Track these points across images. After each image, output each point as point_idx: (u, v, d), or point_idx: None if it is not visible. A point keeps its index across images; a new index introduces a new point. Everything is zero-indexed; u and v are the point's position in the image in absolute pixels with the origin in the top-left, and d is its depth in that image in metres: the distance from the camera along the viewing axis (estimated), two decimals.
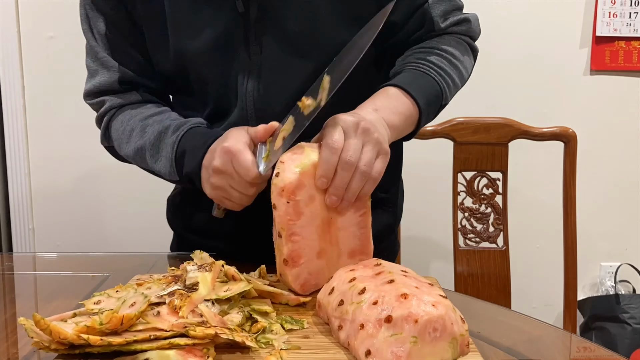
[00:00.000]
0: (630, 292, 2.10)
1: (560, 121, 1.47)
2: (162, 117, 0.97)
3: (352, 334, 0.63)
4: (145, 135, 0.95)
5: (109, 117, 1.03)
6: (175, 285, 0.71)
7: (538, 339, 0.75)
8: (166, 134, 0.93)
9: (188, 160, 0.88)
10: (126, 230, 2.09)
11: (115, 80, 1.00)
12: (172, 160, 0.91)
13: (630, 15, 2.04)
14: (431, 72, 0.94)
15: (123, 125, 1.00)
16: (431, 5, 0.97)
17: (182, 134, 0.91)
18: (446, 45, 0.98)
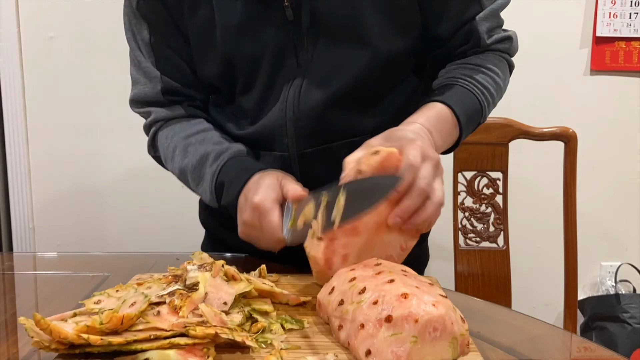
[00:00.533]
0: (630, 292, 2.10)
1: (560, 121, 1.47)
2: (205, 137, 0.98)
3: (352, 334, 0.63)
4: (187, 156, 0.97)
5: (156, 129, 1.04)
6: (176, 285, 0.71)
7: (538, 339, 0.75)
8: (207, 161, 0.94)
9: (226, 192, 0.90)
10: (126, 230, 2.09)
11: (158, 91, 1.01)
12: (212, 189, 0.93)
13: (631, 16, 2.04)
14: (475, 91, 0.94)
15: (167, 141, 1.01)
16: (478, 21, 0.97)
17: (222, 165, 0.92)
18: (491, 63, 0.98)
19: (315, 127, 0.96)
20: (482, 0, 0.97)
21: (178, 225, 1.99)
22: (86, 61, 2.00)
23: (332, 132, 0.97)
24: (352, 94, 0.96)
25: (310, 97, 0.95)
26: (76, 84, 2.02)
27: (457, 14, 0.97)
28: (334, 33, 0.93)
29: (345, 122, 0.97)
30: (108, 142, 2.05)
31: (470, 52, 0.99)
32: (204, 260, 0.77)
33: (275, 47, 0.94)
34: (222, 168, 0.92)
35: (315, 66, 0.94)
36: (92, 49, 1.99)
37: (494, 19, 0.98)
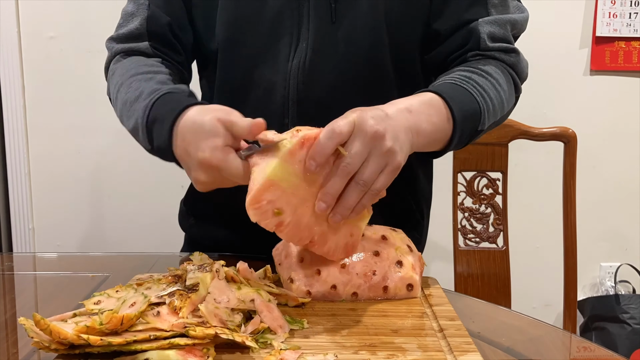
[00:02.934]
0: (630, 292, 2.10)
1: (560, 121, 1.47)
2: (153, 77, 0.90)
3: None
4: (128, 92, 0.88)
5: (112, 64, 0.99)
6: (176, 286, 0.71)
7: (538, 339, 0.75)
8: (142, 95, 0.85)
9: (157, 131, 0.80)
10: (126, 230, 2.09)
11: (141, 22, 0.96)
12: (143, 126, 0.82)
13: (630, 16, 2.04)
14: (474, 91, 0.86)
15: (116, 78, 0.94)
16: (481, 23, 0.93)
17: (156, 99, 0.82)
18: (491, 70, 0.91)
19: (320, 110, 0.92)
20: (490, 8, 0.94)
21: (178, 225, 1.99)
22: (86, 61, 2.00)
23: (337, 117, 0.95)
24: (361, 76, 0.93)
25: (316, 74, 0.93)
26: (76, 84, 2.02)
27: (459, 12, 0.94)
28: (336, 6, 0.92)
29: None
30: (108, 142, 2.04)
31: (470, 56, 0.94)
32: (203, 261, 0.77)
33: (279, 15, 0.92)
34: (156, 102, 0.81)
35: (316, 39, 0.92)
36: (92, 49, 1.99)
37: (499, 28, 0.94)
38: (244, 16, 0.94)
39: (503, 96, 0.92)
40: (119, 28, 1.01)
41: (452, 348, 0.65)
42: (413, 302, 0.78)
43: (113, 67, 0.98)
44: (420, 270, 0.81)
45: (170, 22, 0.97)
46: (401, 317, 0.73)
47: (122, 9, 1.01)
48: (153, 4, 0.97)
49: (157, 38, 0.98)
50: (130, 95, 0.87)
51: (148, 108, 0.82)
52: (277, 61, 0.94)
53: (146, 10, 0.97)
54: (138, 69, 0.92)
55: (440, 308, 0.76)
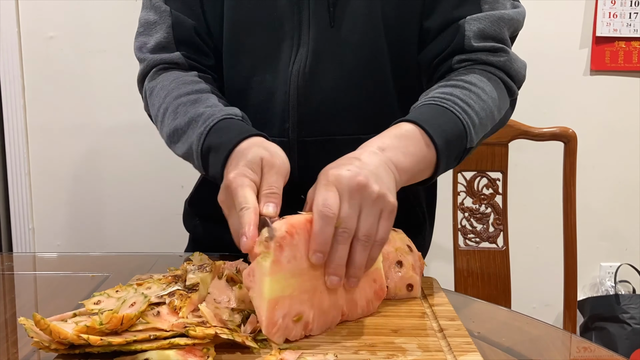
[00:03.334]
0: (630, 292, 2.10)
1: (560, 121, 1.47)
2: (199, 98, 0.89)
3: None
4: (176, 118, 0.88)
5: (147, 82, 0.97)
6: (175, 286, 0.71)
7: (538, 339, 0.75)
8: (196, 122, 0.84)
9: (212, 159, 0.80)
10: (126, 230, 2.09)
11: (167, 30, 0.95)
12: (198, 154, 0.82)
13: (630, 16, 2.04)
14: (455, 109, 0.81)
15: (159, 101, 0.92)
16: (468, 20, 0.89)
17: (212, 126, 0.82)
18: (475, 79, 0.87)
19: (320, 115, 0.93)
20: (482, 4, 0.90)
21: (178, 225, 1.99)
22: (86, 61, 2.00)
23: (338, 123, 0.94)
24: (360, 79, 0.93)
25: (316, 78, 0.92)
26: (76, 84, 2.02)
27: (448, 9, 0.91)
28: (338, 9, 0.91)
29: (355, 114, 0.94)
30: (108, 142, 2.04)
31: (455, 62, 0.91)
32: (203, 261, 0.77)
33: (279, 19, 0.92)
34: (211, 129, 0.81)
35: (317, 44, 0.92)
36: (92, 49, 1.99)
37: (490, 25, 0.89)
38: (245, 21, 0.94)
39: (492, 105, 0.87)
40: (141, 36, 0.98)
41: (452, 348, 0.65)
42: (413, 302, 0.78)
43: (150, 85, 0.96)
44: (420, 270, 0.81)
45: (195, 25, 0.96)
46: (401, 317, 0.73)
47: (140, 17, 0.99)
48: (174, 9, 0.96)
49: (186, 45, 0.96)
50: (180, 122, 0.86)
51: (203, 136, 0.81)
52: (277, 66, 0.94)
53: (169, 18, 0.95)
54: (179, 89, 0.90)
55: (440, 308, 0.76)
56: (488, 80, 0.88)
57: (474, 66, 0.90)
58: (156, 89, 0.94)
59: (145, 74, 0.98)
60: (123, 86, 1.98)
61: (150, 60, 0.96)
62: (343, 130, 0.95)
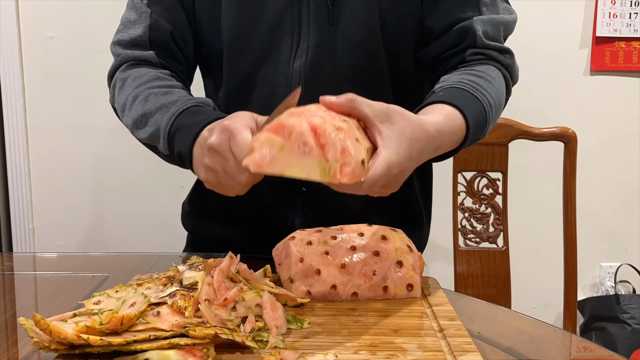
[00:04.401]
0: (630, 293, 2.10)
1: (560, 121, 1.47)
2: (172, 91, 0.91)
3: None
4: (147, 104, 0.90)
5: (119, 72, 1.00)
6: (173, 286, 0.71)
7: (538, 339, 0.75)
8: (168, 107, 0.87)
9: (182, 135, 0.82)
10: (126, 230, 2.09)
11: (144, 30, 0.97)
12: (165, 132, 0.85)
13: (630, 16, 2.04)
14: (483, 99, 0.86)
15: (129, 90, 0.95)
16: (475, 21, 0.94)
17: (184, 109, 0.84)
18: (493, 73, 0.92)
19: None
20: (481, 7, 0.95)
21: (178, 225, 1.99)
22: (86, 61, 2.00)
23: None
24: (358, 74, 0.95)
25: (317, 74, 0.94)
26: (76, 84, 2.02)
27: (451, 9, 0.95)
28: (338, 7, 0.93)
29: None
30: (108, 142, 2.04)
31: (469, 54, 0.95)
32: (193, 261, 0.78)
33: (281, 16, 0.93)
34: (184, 112, 0.84)
35: (316, 40, 0.94)
36: (92, 49, 1.99)
37: (492, 28, 0.95)
38: (246, 19, 0.96)
39: (502, 100, 0.93)
40: (119, 33, 1.02)
41: (452, 348, 0.65)
42: (413, 302, 0.78)
43: (120, 76, 0.99)
44: (420, 270, 0.81)
45: (172, 30, 0.98)
46: (401, 317, 0.73)
47: (122, 16, 1.02)
48: (155, 13, 0.98)
49: (159, 47, 0.99)
50: (149, 107, 0.89)
51: (174, 117, 0.84)
52: (279, 62, 0.96)
53: (148, 19, 0.98)
54: (153, 82, 0.93)
55: (440, 308, 0.76)
56: (500, 75, 0.94)
57: (487, 60, 0.95)
58: (128, 79, 0.97)
59: (117, 68, 1.01)
60: None
61: (124, 56, 0.99)
62: None
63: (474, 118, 0.82)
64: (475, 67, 0.93)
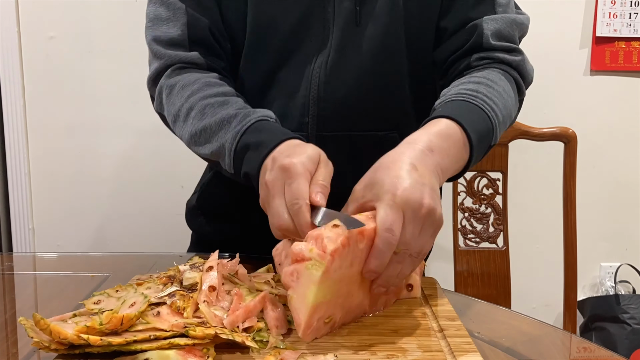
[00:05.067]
0: (630, 293, 2.10)
1: (560, 121, 1.47)
2: (227, 100, 0.88)
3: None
4: (204, 118, 0.86)
5: (165, 79, 0.94)
6: (173, 286, 0.71)
7: (538, 339, 0.75)
8: (230, 122, 0.83)
9: (250, 155, 0.79)
10: (126, 230, 2.09)
11: (182, 29, 0.93)
12: (231, 152, 0.81)
13: (630, 16, 2.04)
14: (485, 107, 0.83)
15: (181, 100, 0.90)
16: (485, 20, 0.92)
17: (249, 125, 0.81)
18: (496, 78, 0.89)
19: (339, 110, 0.94)
20: (496, 7, 0.94)
21: (178, 225, 1.99)
22: (86, 61, 2.00)
23: (356, 119, 0.96)
24: (378, 76, 0.95)
25: (337, 74, 0.94)
26: (76, 84, 2.02)
27: (465, 9, 0.94)
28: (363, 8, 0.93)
29: (372, 111, 0.96)
30: (108, 142, 2.04)
31: (474, 59, 0.93)
32: (194, 261, 0.78)
33: (306, 15, 0.93)
34: (249, 129, 0.81)
35: (340, 41, 0.93)
36: (92, 49, 1.99)
37: (505, 26, 0.93)
38: (270, 20, 0.95)
39: (510, 103, 0.89)
40: (153, 30, 0.95)
41: (452, 348, 0.65)
42: (413, 302, 0.78)
43: (167, 83, 0.94)
44: (420, 270, 0.81)
45: (210, 25, 0.94)
46: (401, 317, 0.73)
47: (148, 12, 0.96)
48: (190, 7, 0.94)
49: (200, 45, 0.94)
50: (209, 122, 0.85)
51: (240, 134, 0.81)
52: (300, 62, 0.95)
53: (184, 15, 0.93)
54: (204, 90, 0.89)
55: (440, 308, 0.76)
56: (506, 79, 0.91)
57: (492, 64, 0.93)
58: (176, 87, 0.92)
59: (160, 72, 0.95)
60: (123, 86, 1.98)
61: (168, 59, 0.94)
62: (361, 126, 0.96)
63: (474, 125, 0.79)
64: (475, 73, 0.91)
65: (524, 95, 0.98)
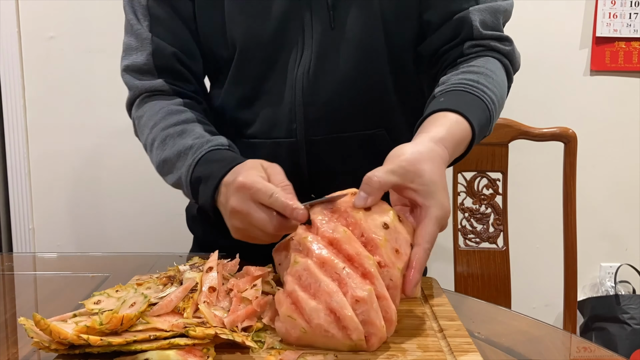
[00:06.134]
0: (630, 293, 2.10)
1: (560, 121, 1.47)
2: (185, 129, 0.91)
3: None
4: (165, 149, 0.91)
5: (135, 111, 1.00)
6: (172, 287, 0.71)
7: (538, 339, 0.75)
8: (185, 154, 0.88)
9: (202, 188, 0.83)
10: (126, 230, 2.09)
11: (148, 57, 0.96)
12: (187, 185, 0.86)
13: (630, 16, 2.04)
14: (484, 97, 0.86)
15: (147, 130, 0.95)
16: (471, 11, 0.93)
17: (200, 158, 0.85)
18: (492, 67, 0.92)
19: (326, 113, 0.95)
20: None
21: (178, 225, 1.99)
22: (86, 61, 2.00)
23: (343, 120, 0.96)
24: (361, 77, 0.95)
25: (320, 79, 0.94)
26: (76, 84, 2.02)
27: (448, 1, 0.94)
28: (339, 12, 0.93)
29: (357, 111, 0.96)
30: (108, 142, 2.04)
31: (467, 47, 0.94)
32: (194, 261, 0.77)
33: (284, 23, 0.94)
34: (200, 161, 0.85)
35: (319, 47, 0.94)
36: (92, 49, 1.99)
37: (489, 17, 0.94)
38: (250, 32, 0.96)
39: (503, 91, 0.92)
40: (124, 59, 1.00)
41: (452, 348, 0.65)
42: (413, 302, 0.78)
43: (137, 115, 0.99)
44: None
45: (175, 52, 0.97)
46: (401, 317, 0.73)
47: (124, 42, 1.00)
48: (157, 36, 0.97)
49: (166, 72, 0.98)
50: (168, 154, 0.90)
51: (192, 168, 0.85)
52: (284, 70, 0.96)
53: (150, 45, 0.97)
54: (166, 120, 0.93)
55: (440, 308, 0.76)
56: (500, 66, 0.93)
57: (485, 52, 0.94)
58: (143, 118, 0.97)
59: (132, 102, 1.01)
60: (123, 86, 1.98)
61: (136, 89, 0.98)
62: (348, 127, 0.97)
63: (479, 121, 0.82)
64: (473, 62, 0.92)
65: (512, 82, 0.99)
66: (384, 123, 0.98)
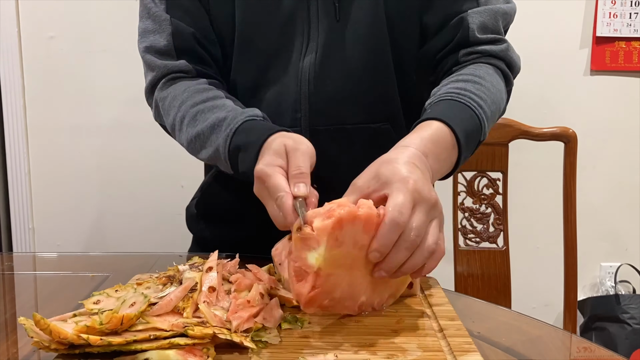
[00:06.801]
0: (630, 293, 2.10)
1: (560, 121, 1.47)
2: (215, 104, 0.91)
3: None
4: (196, 125, 0.90)
5: (158, 93, 0.98)
6: (172, 287, 0.71)
7: (538, 339, 0.75)
8: (219, 126, 0.87)
9: (242, 157, 0.83)
10: (127, 230, 2.09)
11: (168, 39, 0.95)
12: (225, 155, 0.86)
13: (631, 16, 2.04)
14: (473, 105, 0.84)
15: (174, 110, 0.94)
16: (470, 14, 0.93)
17: (237, 127, 0.85)
18: (483, 72, 0.91)
19: (330, 104, 0.96)
20: (480, 0, 0.95)
21: (178, 225, 1.99)
22: (86, 61, 2.00)
23: (348, 112, 0.97)
24: (366, 70, 0.96)
25: (326, 70, 0.95)
26: (76, 84, 2.02)
27: (448, 3, 0.95)
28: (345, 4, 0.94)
29: (362, 104, 0.97)
30: (108, 142, 2.05)
31: (462, 55, 0.94)
32: (194, 260, 0.77)
33: (290, 11, 0.94)
34: (237, 130, 0.85)
35: (326, 37, 0.95)
36: (92, 49, 1.99)
37: (489, 19, 0.94)
38: (256, 20, 0.96)
39: (499, 97, 0.91)
40: (142, 43, 0.99)
41: (452, 348, 0.65)
42: (413, 302, 0.78)
43: (161, 96, 0.98)
44: None
45: (194, 33, 0.97)
46: (401, 317, 0.73)
47: (139, 27, 1.00)
48: (175, 18, 0.96)
49: (186, 54, 0.97)
50: (201, 128, 0.89)
51: (229, 138, 0.85)
52: (289, 60, 0.97)
53: (169, 26, 0.96)
54: (194, 97, 0.93)
55: (440, 308, 0.76)
56: (494, 71, 0.93)
57: (480, 59, 0.94)
58: (168, 98, 0.96)
59: (154, 84, 0.99)
60: (123, 86, 1.98)
61: (159, 70, 0.97)
62: (353, 119, 0.98)
63: (463, 125, 0.81)
64: (463, 70, 0.92)
65: (512, 85, 0.99)
66: (388, 118, 0.99)
